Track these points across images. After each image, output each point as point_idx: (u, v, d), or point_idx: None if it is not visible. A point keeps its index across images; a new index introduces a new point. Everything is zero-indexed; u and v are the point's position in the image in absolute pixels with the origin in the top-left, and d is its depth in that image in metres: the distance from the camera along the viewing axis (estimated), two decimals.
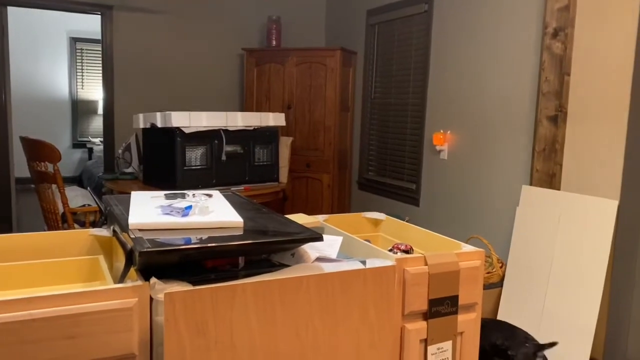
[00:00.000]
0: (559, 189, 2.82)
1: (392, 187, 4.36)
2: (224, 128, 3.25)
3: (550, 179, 2.86)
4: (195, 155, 3.13)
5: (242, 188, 3.34)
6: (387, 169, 4.47)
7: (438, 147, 3.75)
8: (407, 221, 4.10)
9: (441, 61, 3.75)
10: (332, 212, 4.63)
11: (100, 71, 4.75)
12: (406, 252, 1.66)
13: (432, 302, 1.49)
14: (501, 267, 3.03)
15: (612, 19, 2.57)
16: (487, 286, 2.96)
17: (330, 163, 4.61)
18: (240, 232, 1.33)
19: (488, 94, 3.34)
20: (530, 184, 2.98)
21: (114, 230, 1.46)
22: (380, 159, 4.55)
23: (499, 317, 2.97)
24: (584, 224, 2.64)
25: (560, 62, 2.79)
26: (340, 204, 4.79)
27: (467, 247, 1.60)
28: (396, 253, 1.65)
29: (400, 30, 4.24)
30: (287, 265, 1.33)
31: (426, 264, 1.48)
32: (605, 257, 2.53)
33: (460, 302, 1.53)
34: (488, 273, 2.97)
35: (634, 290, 2.50)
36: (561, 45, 2.78)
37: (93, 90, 8.24)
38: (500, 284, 3.01)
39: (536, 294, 2.81)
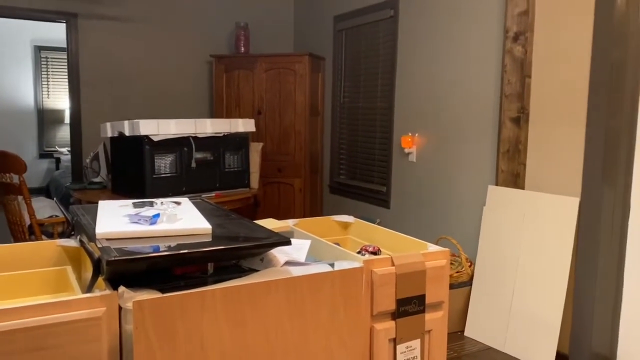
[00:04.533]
0: (523, 188, 2.91)
1: (363, 190, 4.40)
2: (193, 135, 3.25)
3: (514, 178, 2.94)
4: (164, 163, 3.12)
5: (213, 195, 3.33)
6: (357, 172, 4.51)
7: (407, 150, 3.81)
8: (378, 223, 4.15)
9: (408, 65, 3.82)
10: (304, 217, 4.65)
11: (66, 80, 4.68)
12: (374, 253, 1.70)
13: (400, 302, 1.53)
14: (470, 266, 3.10)
15: (569, 23, 2.66)
16: (456, 285, 3.02)
17: (301, 167, 4.64)
18: (209, 239, 1.34)
19: (454, 97, 3.42)
20: (496, 184, 3.05)
21: (80, 240, 1.46)
22: (351, 162, 4.59)
23: (469, 315, 3.04)
24: (548, 222, 2.72)
25: (522, 65, 2.87)
26: (312, 208, 4.82)
27: (433, 247, 1.64)
28: (364, 255, 1.69)
29: (367, 35, 4.30)
30: (257, 270, 1.35)
31: (393, 265, 1.52)
32: (568, 253, 2.62)
33: (427, 301, 1.58)
34: (457, 272, 3.04)
35: (596, 285, 2.59)
36: (522, 48, 2.87)
37: (59, 99, 8.09)
38: (469, 282, 3.07)
39: (504, 291, 2.88)
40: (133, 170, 3.17)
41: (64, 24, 4.44)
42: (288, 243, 1.30)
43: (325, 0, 4.79)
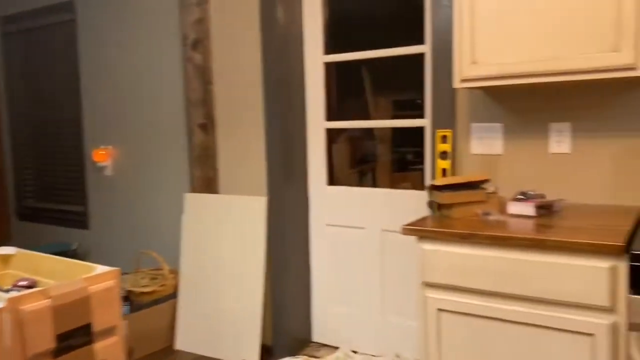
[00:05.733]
0: (217, 193, 2.96)
1: (58, 213, 3.94)
2: None
3: (208, 183, 2.98)
4: None
5: None
6: (50, 194, 4.02)
7: (100, 164, 3.53)
8: (75, 248, 3.76)
9: (94, 73, 3.54)
10: None
11: None
12: (30, 287, 1.47)
13: (61, 337, 1.34)
14: (174, 278, 3.03)
15: (241, 35, 2.80)
16: (162, 299, 2.92)
17: None
18: None
19: (144, 105, 3.29)
20: (192, 191, 3.05)
21: None
22: (41, 183, 4.06)
23: (178, 326, 2.96)
24: (241, 222, 2.82)
25: (203, 72, 2.92)
26: None
27: (100, 269, 1.50)
28: (18, 291, 1.44)
29: (45, 40, 3.84)
30: None
31: (48, 297, 1.33)
32: (261, 248, 2.76)
33: (96, 328, 1.43)
34: (161, 286, 2.93)
35: (289, 276, 2.79)
36: (201, 56, 2.91)
37: None
38: (175, 294, 3.00)
39: (209, 297, 2.89)
40: None
41: None
42: None
43: None
